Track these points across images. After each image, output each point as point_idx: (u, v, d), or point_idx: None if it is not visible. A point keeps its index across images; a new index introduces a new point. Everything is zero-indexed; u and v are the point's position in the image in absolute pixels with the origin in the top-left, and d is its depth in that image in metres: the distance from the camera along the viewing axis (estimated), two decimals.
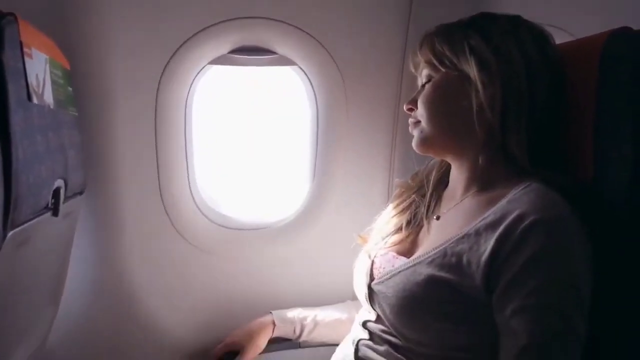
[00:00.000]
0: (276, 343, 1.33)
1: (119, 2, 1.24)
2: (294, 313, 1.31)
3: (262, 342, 1.28)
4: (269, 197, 1.63)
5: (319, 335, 1.30)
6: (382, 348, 0.95)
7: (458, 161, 1.00)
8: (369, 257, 1.06)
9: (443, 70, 0.94)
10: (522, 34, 0.92)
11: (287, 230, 1.46)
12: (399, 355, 0.92)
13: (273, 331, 1.29)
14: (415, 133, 1.00)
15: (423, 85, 1.00)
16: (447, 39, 0.94)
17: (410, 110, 1.01)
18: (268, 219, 1.49)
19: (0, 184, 0.71)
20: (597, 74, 0.87)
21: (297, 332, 1.29)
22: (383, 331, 0.97)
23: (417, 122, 0.99)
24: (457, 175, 1.01)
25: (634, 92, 0.82)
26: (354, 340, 1.01)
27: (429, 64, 0.97)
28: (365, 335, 1.00)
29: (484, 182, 0.94)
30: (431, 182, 1.09)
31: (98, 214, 1.35)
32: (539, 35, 0.94)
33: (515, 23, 0.94)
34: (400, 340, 0.92)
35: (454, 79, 0.93)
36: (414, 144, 1.00)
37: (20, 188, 0.76)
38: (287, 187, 1.57)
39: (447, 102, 0.94)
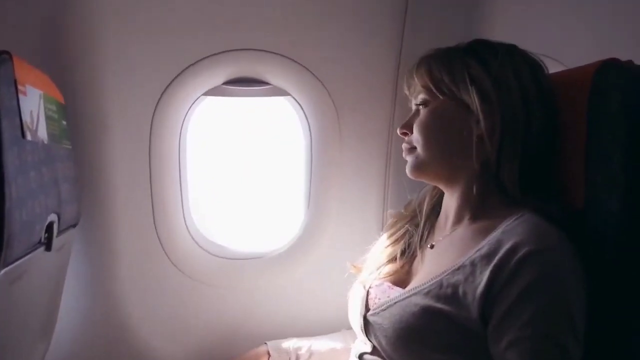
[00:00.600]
0: None
1: (113, 37, 1.26)
2: (289, 343, 1.29)
3: None
4: (264, 227, 1.62)
5: None
6: None
7: (451, 189, 1.00)
8: (364, 287, 1.05)
9: (441, 97, 0.94)
10: (519, 63, 0.93)
11: (281, 259, 1.46)
12: None
13: None
14: (410, 159, 0.99)
15: (417, 109, 0.99)
16: (446, 66, 0.94)
17: (404, 134, 1.00)
18: (263, 248, 1.49)
19: None
20: (587, 104, 0.88)
21: None
22: None
23: (412, 148, 0.98)
24: (450, 203, 1.01)
25: (623, 121, 0.83)
26: None
27: (426, 88, 0.96)
28: None
29: (477, 210, 0.95)
30: (424, 211, 1.09)
31: (92, 245, 1.35)
32: (533, 65, 0.95)
33: (512, 52, 0.94)
34: None
35: (452, 107, 0.93)
36: (408, 169, 1.00)
37: (13, 226, 0.75)
38: (282, 217, 1.56)
39: (444, 130, 0.94)
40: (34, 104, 0.89)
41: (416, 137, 0.96)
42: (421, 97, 0.97)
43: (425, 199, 1.11)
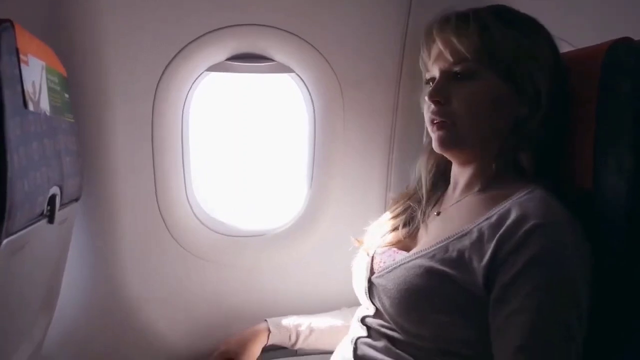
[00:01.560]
0: (271, 351, 1.32)
1: (116, 10, 1.24)
2: (288, 320, 1.30)
3: (257, 350, 1.26)
4: (267, 204, 1.62)
5: (315, 342, 1.29)
6: (380, 344, 0.95)
7: (468, 163, 0.98)
8: (368, 254, 1.05)
9: (493, 71, 0.89)
10: (549, 40, 0.92)
11: (284, 237, 1.45)
12: (397, 351, 0.91)
13: (268, 338, 1.27)
14: (442, 132, 0.93)
15: (452, 76, 0.91)
16: (503, 33, 0.88)
17: (438, 103, 0.92)
18: (265, 226, 1.48)
19: None
20: (597, 84, 0.87)
21: (293, 339, 1.28)
22: (382, 326, 0.96)
23: (446, 122, 0.92)
24: (461, 173, 1.00)
25: (634, 102, 0.82)
26: (352, 339, 1.01)
27: (477, 54, 0.88)
28: (363, 332, 1.00)
29: (488, 182, 0.94)
30: (424, 185, 1.08)
31: (94, 220, 1.35)
32: (553, 42, 0.94)
33: (540, 27, 0.93)
34: (399, 334, 0.92)
35: (505, 87, 0.89)
36: (440, 143, 0.93)
37: (15, 196, 0.75)
38: (285, 194, 1.56)
39: (492, 110, 0.90)
40: (36, 75, 0.88)
41: (458, 111, 0.91)
42: (465, 66, 0.89)
43: (421, 173, 1.09)
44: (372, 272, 1.01)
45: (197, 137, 1.44)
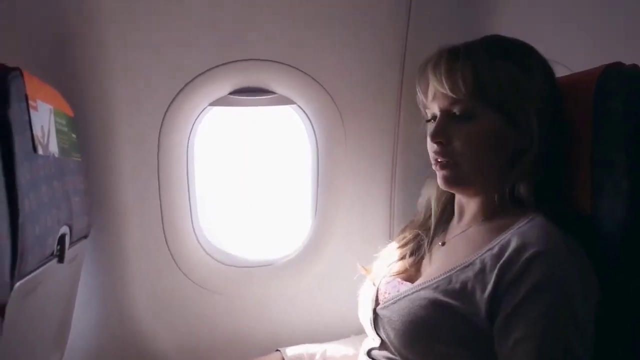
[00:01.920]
0: None
1: (121, 49, 1.27)
2: (301, 350, 1.30)
3: None
4: (273, 235, 1.63)
5: None
6: None
7: (473, 197, 0.99)
8: (374, 284, 1.06)
9: (489, 110, 0.89)
10: (541, 68, 0.93)
11: (291, 266, 1.46)
12: None
13: None
14: (446, 172, 0.94)
15: (451, 116, 0.93)
16: (491, 70, 0.89)
17: (440, 144, 0.94)
18: (272, 256, 1.50)
19: (7, 237, 0.72)
20: (591, 108, 0.89)
21: None
22: (387, 358, 0.97)
23: (452, 162, 0.94)
24: (465, 205, 1.02)
25: (626, 125, 0.84)
26: None
27: (471, 96, 0.89)
28: None
29: (491, 213, 0.95)
30: (434, 212, 1.09)
31: (103, 255, 1.37)
32: (550, 70, 0.95)
33: (532, 54, 0.94)
34: None
35: (502, 123, 0.90)
36: (445, 181, 0.95)
37: (26, 240, 0.77)
38: (290, 224, 1.57)
39: (493, 148, 0.91)
40: (45, 119, 0.90)
41: (460, 151, 0.92)
42: (462, 106, 0.91)
43: (431, 200, 1.11)
44: (377, 302, 1.02)
45: (202, 170, 1.46)
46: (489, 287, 0.82)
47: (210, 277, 1.43)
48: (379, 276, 1.07)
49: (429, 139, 0.96)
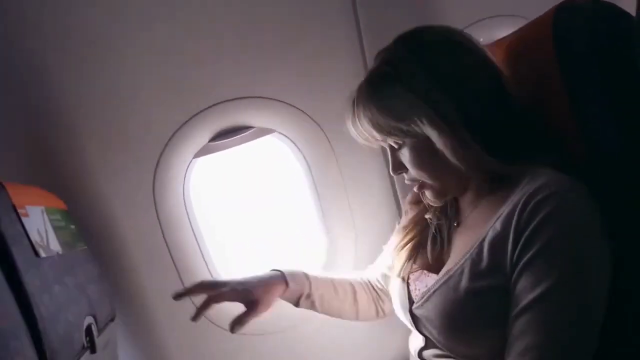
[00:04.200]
0: None
1: (96, 137, 1.30)
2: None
3: (273, 299, 1.16)
4: (288, 261, 1.63)
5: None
6: None
7: (466, 190, 0.99)
8: (402, 279, 1.06)
9: (404, 139, 0.92)
10: (428, 55, 0.90)
11: None
12: None
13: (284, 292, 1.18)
14: (427, 193, 0.98)
15: (392, 147, 0.97)
16: (384, 110, 0.90)
17: (400, 174, 0.99)
18: None
19: (31, 348, 0.73)
20: (554, 53, 0.89)
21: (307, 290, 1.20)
22: (438, 355, 0.96)
23: (422, 183, 0.97)
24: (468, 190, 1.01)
25: (594, 59, 0.83)
26: None
27: (384, 137, 0.94)
28: None
29: (493, 188, 0.93)
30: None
31: (133, 330, 1.38)
32: (443, 43, 0.91)
33: (419, 47, 0.91)
34: (457, 358, 0.91)
35: (421, 139, 0.90)
36: (431, 200, 0.99)
37: (52, 343, 0.78)
38: (303, 249, 1.57)
39: (434, 159, 0.91)
40: (39, 221, 0.91)
41: (419, 174, 0.94)
42: (390, 141, 0.95)
43: None
44: (410, 300, 1.01)
45: (205, 218, 1.47)
46: (509, 249, 0.81)
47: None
48: (404, 270, 1.07)
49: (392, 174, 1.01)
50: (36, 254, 0.84)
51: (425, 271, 1.02)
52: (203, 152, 1.40)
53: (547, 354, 0.75)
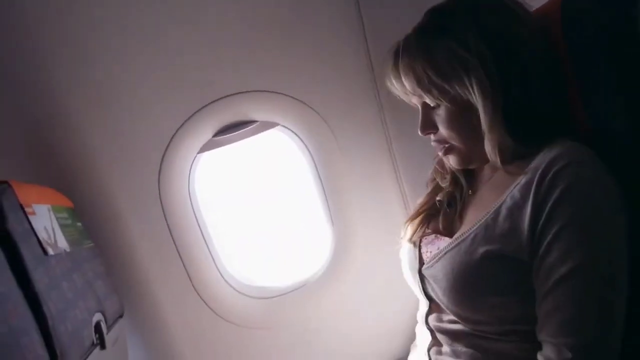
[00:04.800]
0: None
1: (100, 132, 1.30)
2: None
3: None
4: (296, 256, 1.63)
5: None
6: (447, 349, 0.95)
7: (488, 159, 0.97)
8: (414, 245, 1.05)
9: (444, 98, 0.90)
10: (485, 18, 0.88)
11: (325, 280, 1.47)
12: (463, 349, 0.92)
13: None
14: (452, 157, 0.96)
15: (427, 105, 0.94)
16: (431, 65, 0.88)
17: (430, 134, 0.96)
18: (303, 276, 1.51)
19: (41, 345, 0.73)
20: (562, 36, 0.88)
21: None
22: (442, 321, 0.97)
23: (450, 147, 0.95)
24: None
25: (601, 43, 0.83)
26: (425, 351, 1.01)
27: (425, 93, 0.91)
28: (429, 337, 1.00)
29: (511, 157, 0.91)
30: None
31: (142, 326, 1.38)
32: (504, 11, 0.89)
33: (475, 7, 0.89)
34: (459, 325, 0.92)
35: (463, 101, 0.89)
36: (455, 164, 0.97)
37: (62, 340, 0.78)
38: (310, 240, 1.58)
39: (469, 123, 0.90)
40: (46, 219, 0.92)
41: (447, 135, 0.93)
42: (428, 97, 0.92)
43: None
44: (421, 263, 1.01)
45: (211, 212, 1.48)
46: (527, 216, 0.81)
47: (246, 314, 1.45)
48: (416, 235, 1.06)
49: (420, 134, 0.98)
50: (44, 251, 0.84)
51: (437, 235, 1.02)
52: (207, 147, 1.41)
53: (583, 327, 0.77)
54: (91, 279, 1.04)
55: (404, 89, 0.95)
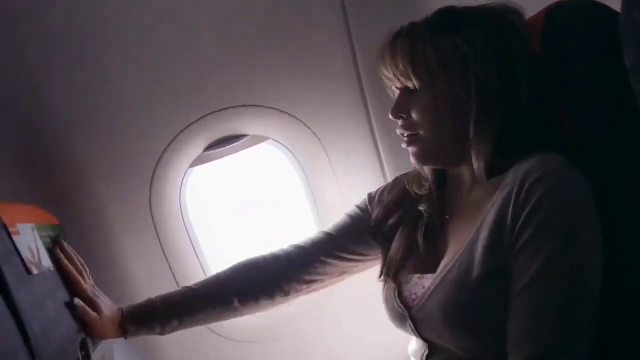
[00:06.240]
0: None
1: (89, 149, 1.30)
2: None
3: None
4: None
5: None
6: None
7: (459, 167, 0.97)
8: (393, 283, 1.04)
9: (436, 83, 0.90)
10: (491, 27, 0.89)
11: (315, 297, 1.45)
12: None
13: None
14: (416, 148, 0.95)
15: (407, 89, 0.94)
16: (433, 48, 0.89)
17: (399, 117, 0.96)
18: None
19: None
20: (542, 52, 0.89)
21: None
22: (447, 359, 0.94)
23: (413, 135, 0.95)
24: (458, 176, 0.99)
25: (582, 59, 0.84)
26: None
27: (416, 74, 0.90)
28: None
29: (486, 172, 0.91)
30: (433, 187, 1.05)
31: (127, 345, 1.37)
32: (505, 25, 0.90)
33: (485, 14, 0.91)
34: (463, 355, 0.90)
35: (450, 93, 0.89)
36: (415, 157, 0.96)
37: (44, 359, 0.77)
38: None
39: (447, 115, 0.91)
40: (30, 239, 0.91)
41: (418, 121, 0.93)
42: (414, 81, 0.91)
43: (429, 177, 1.06)
44: (407, 306, 0.98)
45: (202, 226, 1.47)
46: (507, 231, 0.81)
47: (242, 329, 1.43)
48: (399, 274, 1.04)
49: (390, 116, 0.98)
50: (28, 271, 0.84)
51: (418, 275, 1.00)
52: (198, 161, 1.41)
53: (538, 336, 0.77)
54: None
55: (393, 70, 0.94)
